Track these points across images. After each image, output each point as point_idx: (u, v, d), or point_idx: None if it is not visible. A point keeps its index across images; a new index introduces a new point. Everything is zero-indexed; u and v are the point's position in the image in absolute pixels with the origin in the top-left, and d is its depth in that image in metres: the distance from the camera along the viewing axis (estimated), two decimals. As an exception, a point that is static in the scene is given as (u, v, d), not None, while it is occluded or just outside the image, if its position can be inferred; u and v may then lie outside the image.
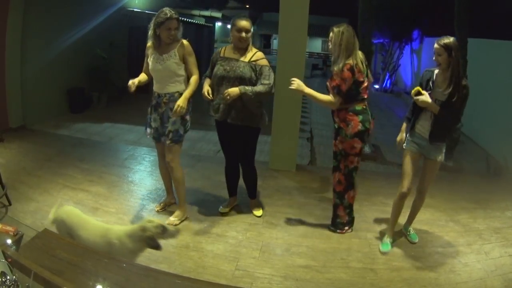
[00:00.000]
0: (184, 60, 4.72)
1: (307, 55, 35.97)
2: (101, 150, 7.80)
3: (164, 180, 5.43)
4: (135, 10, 14.31)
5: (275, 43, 47.55)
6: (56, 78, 10.24)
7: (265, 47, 46.50)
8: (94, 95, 11.89)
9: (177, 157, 4.89)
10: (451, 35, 4.11)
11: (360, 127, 4.59)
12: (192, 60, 4.76)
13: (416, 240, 4.93)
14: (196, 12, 21.35)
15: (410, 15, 18.20)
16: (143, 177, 6.43)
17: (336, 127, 4.80)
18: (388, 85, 22.63)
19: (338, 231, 5.08)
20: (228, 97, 4.56)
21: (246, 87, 4.61)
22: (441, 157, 4.50)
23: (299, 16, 6.66)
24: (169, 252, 4.34)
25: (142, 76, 4.90)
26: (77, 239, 3.33)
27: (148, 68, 4.81)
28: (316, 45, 46.47)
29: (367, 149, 9.58)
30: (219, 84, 4.77)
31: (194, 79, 4.71)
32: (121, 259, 2.82)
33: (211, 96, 4.79)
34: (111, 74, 12.18)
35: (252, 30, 4.84)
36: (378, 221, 5.41)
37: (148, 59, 4.76)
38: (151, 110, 4.90)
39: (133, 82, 4.62)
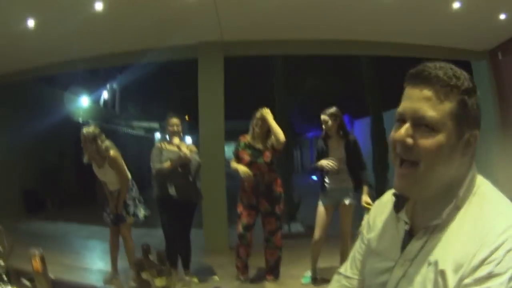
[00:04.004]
0: None
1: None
2: (56, 242, 8.49)
3: None
4: (80, 121, 15.27)
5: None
6: (12, 180, 11.37)
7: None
8: (48, 198, 12.74)
9: None
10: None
11: None
12: None
13: None
14: (136, 124, 22.46)
15: (337, 103, 19.52)
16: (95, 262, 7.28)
17: (277, 194, 6.00)
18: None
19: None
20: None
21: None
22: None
23: (216, 122, 8.18)
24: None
25: None
26: None
27: None
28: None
29: (300, 228, 10.44)
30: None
31: None
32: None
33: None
34: (62, 180, 13.12)
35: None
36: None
37: None
38: None
39: None
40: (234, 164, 6.01)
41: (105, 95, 21.96)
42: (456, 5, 7.31)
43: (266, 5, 7.06)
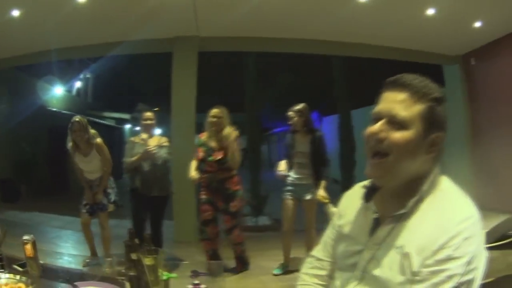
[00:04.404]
0: None
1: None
2: (31, 231, 8.48)
3: None
4: (54, 109, 15.19)
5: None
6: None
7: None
8: (22, 187, 12.67)
9: None
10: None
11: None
12: None
13: None
14: (107, 114, 22.37)
15: (307, 100, 19.62)
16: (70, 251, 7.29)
17: (231, 192, 6.01)
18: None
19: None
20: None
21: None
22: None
23: (187, 115, 8.38)
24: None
25: None
26: None
27: None
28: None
29: (267, 221, 10.65)
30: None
31: None
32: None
33: None
34: (36, 169, 13.05)
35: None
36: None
37: None
38: None
39: None
40: (191, 163, 6.10)
41: (78, 84, 21.78)
42: (430, 11, 7.52)
43: (243, 3, 7.24)
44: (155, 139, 6.42)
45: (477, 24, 8.17)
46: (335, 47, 9.64)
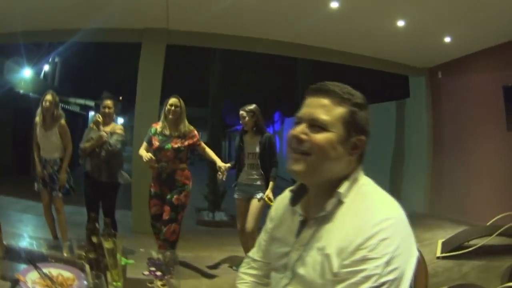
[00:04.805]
0: None
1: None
2: None
3: None
4: (21, 92, 15.01)
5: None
6: None
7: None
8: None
9: None
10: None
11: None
12: None
13: None
14: (72, 100, 22.15)
15: (270, 99, 19.75)
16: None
17: (179, 185, 5.81)
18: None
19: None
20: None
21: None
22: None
23: (151, 106, 8.44)
24: None
25: None
26: None
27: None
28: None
29: (224, 217, 10.80)
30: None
31: None
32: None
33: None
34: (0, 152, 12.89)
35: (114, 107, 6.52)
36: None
37: None
38: None
39: None
40: (141, 150, 5.95)
41: (46, 68, 21.46)
42: (400, 23, 7.74)
43: (214, 0, 7.37)
44: (110, 126, 6.49)
45: (447, 40, 8.42)
46: (304, 50, 9.82)
